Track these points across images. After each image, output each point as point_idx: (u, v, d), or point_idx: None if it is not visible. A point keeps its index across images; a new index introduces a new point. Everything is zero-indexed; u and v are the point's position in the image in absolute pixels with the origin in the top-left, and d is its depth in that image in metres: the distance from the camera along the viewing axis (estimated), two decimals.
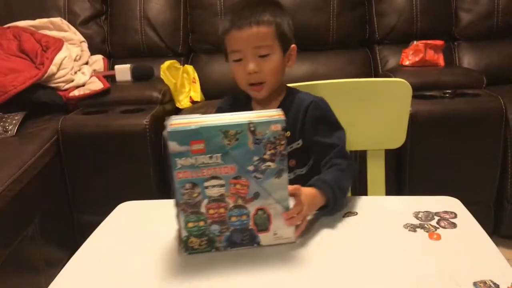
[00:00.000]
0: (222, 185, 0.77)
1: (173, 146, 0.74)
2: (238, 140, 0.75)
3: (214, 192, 0.77)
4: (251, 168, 0.76)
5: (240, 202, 0.79)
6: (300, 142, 1.06)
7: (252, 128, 0.74)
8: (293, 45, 1.07)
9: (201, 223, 0.80)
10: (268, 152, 0.76)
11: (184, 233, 0.80)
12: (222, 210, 0.79)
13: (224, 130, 0.74)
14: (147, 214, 1.01)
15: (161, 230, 0.91)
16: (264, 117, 0.76)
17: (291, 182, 0.86)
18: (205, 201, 0.78)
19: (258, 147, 0.76)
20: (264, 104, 1.08)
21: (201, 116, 0.78)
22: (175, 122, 0.76)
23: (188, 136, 0.73)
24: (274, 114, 0.77)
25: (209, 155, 0.74)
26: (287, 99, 1.08)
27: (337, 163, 1.00)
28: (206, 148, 0.74)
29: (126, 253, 0.85)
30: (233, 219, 0.80)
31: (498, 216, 1.81)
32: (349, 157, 1.03)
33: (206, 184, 0.77)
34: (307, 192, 0.87)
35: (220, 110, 1.14)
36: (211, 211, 0.79)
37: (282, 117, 0.76)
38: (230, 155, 0.75)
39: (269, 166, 0.77)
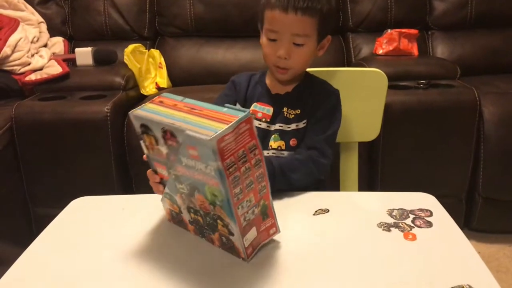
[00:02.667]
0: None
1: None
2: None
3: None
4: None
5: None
6: (305, 121, 1.05)
7: None
8: (329, 36, 1.06)
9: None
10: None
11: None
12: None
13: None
14: (102, 210, 0.95)
15: (117, 228, 0.86)
16: None
17: None
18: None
19: None
20: (280, 82, 1.08)
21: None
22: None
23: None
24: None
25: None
26: (304, 82, 1.08)
27: (301, 152, 1.02)
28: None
29: (77, 253, 0.79)
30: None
31: (469, 210, 1.81)
32: (324, 155, 1.02)
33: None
34: None
35: (233, 84, 1.13)
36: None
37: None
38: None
39: None
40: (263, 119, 1.06)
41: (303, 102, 1.06)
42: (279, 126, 1.05)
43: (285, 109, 1.06)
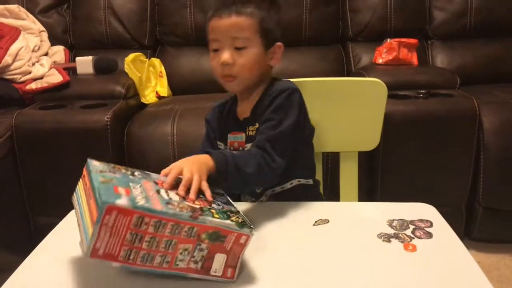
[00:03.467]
0: None
1: None
2: None
3: None
4: None
5: None
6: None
7: None
8: (278, 43, 1.03)
9: None
10: None
11: None
12: None
13: None
14: None
15: None
16: None
17: None
18: None
19: None
20: (246, 97, 1.05)
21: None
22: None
23: None
24: None
25: None
26: (268, 90, 1.03)
27: (250, 149, 0.95)
28: None
29: (76, 263, 0.78)
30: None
31: (469, 219, 1.80)
32: (270, 155, 0.92)
33: None
34: (187, 158, 0.83)
35: (207, 122, 1.12)
36: None
37: None
38: None
39: None
40: (240, 148, 1.03)
41: (262, 111, 1.01)
42: (246, 146, 1.03)
43: (247, 128, 1.03)
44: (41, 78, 1.88)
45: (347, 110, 1.12)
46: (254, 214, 0.92)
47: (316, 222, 0.88)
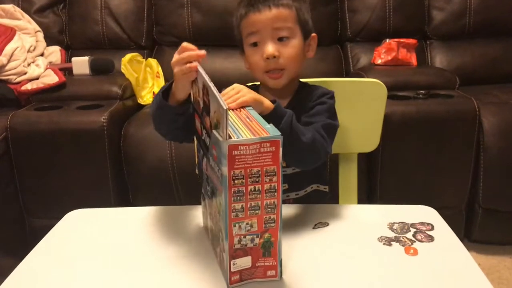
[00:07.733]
0: None
1: None
2: None
3: None
4: None
5: None
6: None
7: None
8: (313, 34, 1.02)
9: None
10: None
11: None
12: None
13: None
14: (98, 223, 0.93)
15: (113, 242, 0.85)
16: None
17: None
18: None
19: None
20: (276, 95, 1.00)
21: None
22: None
23: None
24: None
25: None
26: (300, 93, 1.02)
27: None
28: None
29: (72, 266, 0.78)
30: None
31: (469, 221, 1.79)
32: (324, 139, 0.91)
33: None
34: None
35: None
36: None
37: None
38: None
39: None
40: None
41: (299, 115, 0.99)
42: None
43: None
44: (37, 78, 1.87)
45: (346, 111, 1.11)
46: None
47: (315, 225, 0.87)
